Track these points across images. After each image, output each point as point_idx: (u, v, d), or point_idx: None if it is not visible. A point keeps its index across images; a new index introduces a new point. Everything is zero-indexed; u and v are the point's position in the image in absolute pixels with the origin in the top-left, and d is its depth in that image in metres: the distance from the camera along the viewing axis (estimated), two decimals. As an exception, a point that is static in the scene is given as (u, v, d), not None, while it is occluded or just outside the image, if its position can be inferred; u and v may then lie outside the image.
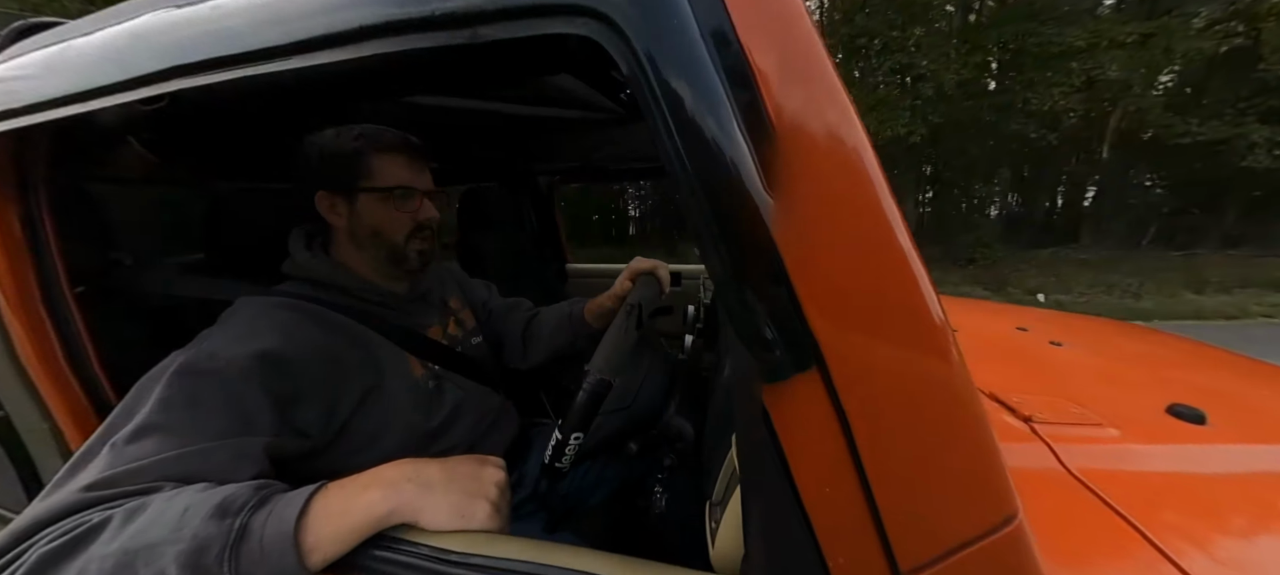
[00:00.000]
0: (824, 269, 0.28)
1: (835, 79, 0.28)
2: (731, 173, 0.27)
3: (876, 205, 0.28)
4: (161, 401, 0.44)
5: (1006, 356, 0.92)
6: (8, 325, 0.52)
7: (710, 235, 0.28)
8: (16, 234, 0.51)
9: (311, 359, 0.55)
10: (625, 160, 1.61)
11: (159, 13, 0.39)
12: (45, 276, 0.52)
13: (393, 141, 0.65)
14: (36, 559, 0.34)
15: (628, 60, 0.27)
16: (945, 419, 0.30)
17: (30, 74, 0.45)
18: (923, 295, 0.29)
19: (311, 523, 0.39)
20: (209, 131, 0.78)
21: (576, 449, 0.54)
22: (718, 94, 0.27)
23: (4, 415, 0.57)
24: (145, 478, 0.39)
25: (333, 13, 0.32)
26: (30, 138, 0.48)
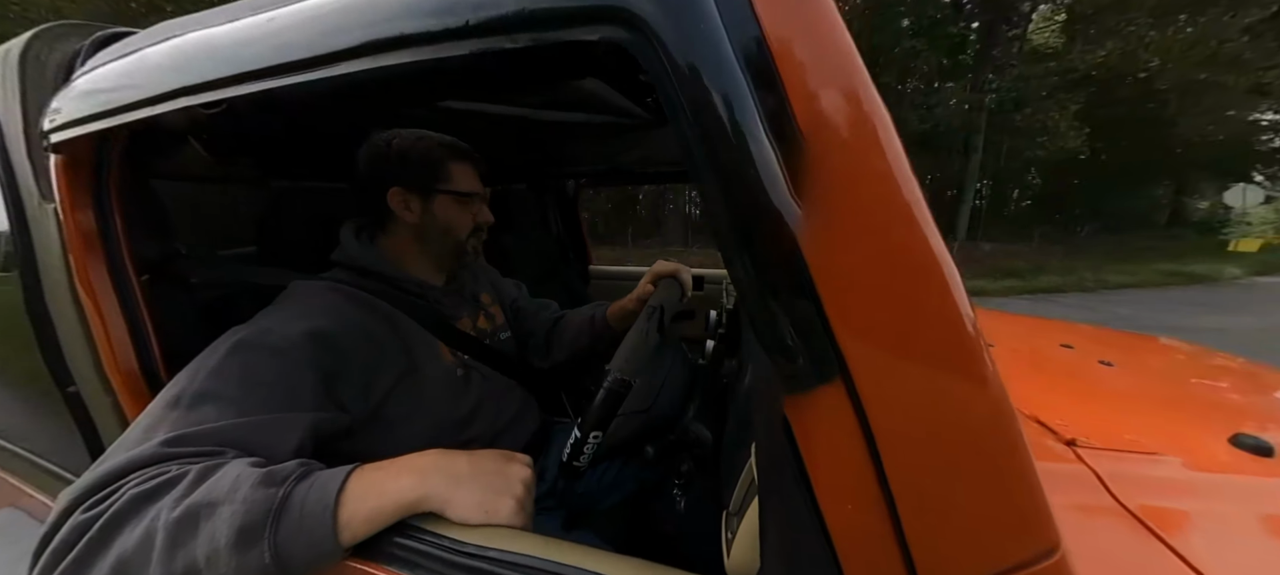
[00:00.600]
0: (852, 279, 0.27)
1: (868, 83, 0.27)
2: (757, 179, 0.26)
3: (909, 214, 0.27)
4: (223, 373, 0.48)
5: (1049, 375, 0.87)
6: (84, 309, 0.56)
7: (734, 242, 0.28)
8: (92, 227, 0.55)
9: (355, 339, 0.59)
10: (650, 164, 1.62)
11: (222, 26, 0.42)
12: (114, 266, 0.57)
13: (466, 151, 0.74)
14: (129, 497, 0.38)
15: (654, 64, 0.27)
16: (978, 439, 0.28)
17: (109, 83, 0.50)
18: (957, 308, 0.27)
19: (347, 500, 0.41)
20: (261, 134, 0.83)
21: (595, 448, 0.54)
22: (744, 99, 0.26)
23: (75, 389, 0.62)
24: (210, 441, 0.43)
25: (375, 24, 0.34)
26: (107, 139, 0.53)
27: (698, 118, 0.27)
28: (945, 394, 0.28)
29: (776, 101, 0.26)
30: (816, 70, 0.27)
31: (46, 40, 0.60)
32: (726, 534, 0.44)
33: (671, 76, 0.27)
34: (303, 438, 0.49)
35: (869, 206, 0.27)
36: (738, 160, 0.26)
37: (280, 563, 0.37)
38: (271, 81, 0.39)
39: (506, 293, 0.97)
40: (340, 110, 0.76)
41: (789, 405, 0.30)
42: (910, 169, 0.28)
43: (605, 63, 0.33)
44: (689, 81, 0.27)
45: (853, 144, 0.27)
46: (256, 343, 0.51)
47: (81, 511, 0.38)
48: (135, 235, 0.59)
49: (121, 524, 0.37)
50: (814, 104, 0.26)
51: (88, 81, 0.52)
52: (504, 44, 0.31)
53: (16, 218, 0.59)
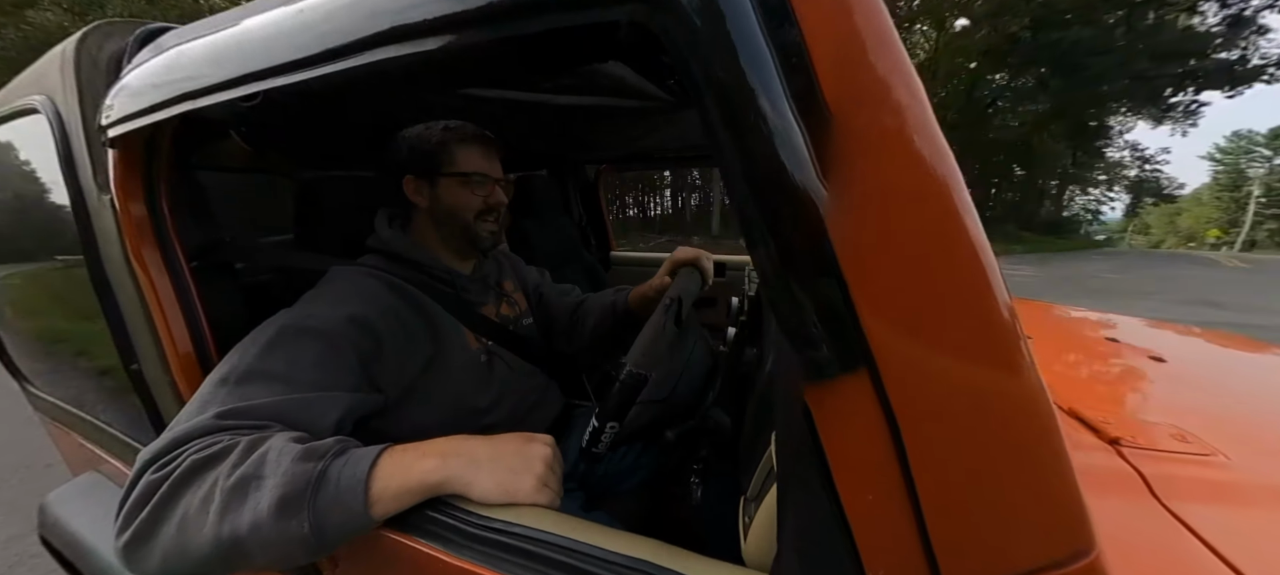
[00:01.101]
0: (881, 265, 0.26)
1: (903, 56, 0.26)
2: (782, 160, 0.25)
3: (945, 197, 0.26)
4: (271, 353, 0.51)
5: (1093, 369, 0.82)
6: (143, 293, 0.61)
7: (758, 226, 0.27)
8: (144, 216, 0.59)
9: (390, 324, 0.62)
10: (673, 148, 1.59)
11: (253, 19, 0.44)
12: (166, 252, 0.61)
13: (471, 133, 0.73)
14: (189, 463, 0.42)
15: (676, 43, 0.27)
16: (1011, 434, 0.27)
17: (155, 79, 0.52)
18: (993, 296, 0.26)
19: (377, 478, 0.43)
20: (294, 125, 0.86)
21: (612, 437, 0.55)
22: (769, 75, 0.25)
23: (138, 367, 0.67)
24: (259, 415, 0.47)
25: (402, 11, 0.34)
26: (156, 133, 0.56)
27: (719, 97, 0.26)
28: (976, 386, 0.27)
29: (803, 77, 0.25)
30: (847, 43, 0.25)
31: (97, 38, 0.63)
32: (744, 520, 0.45)
33: (693, 55, 0.26)
34: (340, 415, 0.52)
35: (901, 188, 0.26)
36: (761, 140, 0.25)
37: (318, 532, 0.40)
38: (302, 73, 0.40)
39: (530, 279, 0.99)
40: (369, 100, 0.78)
41: (810, 393, 0.29)
42: (948, 148, 0.26)
43: (627, 45, 0.32)
44: (711, 59, 0.26)
45: (884, 122, 0.25)
46: (301, 326, 0.55)
47: (151, 472, 0.42)
48: (183, 224, 0.63)
49: (183, 488, 0.41)
50: (843, 79, 0.25)
51: (136, 78, 0.55)
52: (529, 27, 0.30)
53: (79, 208, 0.63)
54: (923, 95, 0.26)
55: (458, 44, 0.33)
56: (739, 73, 0.25)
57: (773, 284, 0.28)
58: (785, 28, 0.25)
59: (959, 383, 0.27)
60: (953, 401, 0.27)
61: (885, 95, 0.25)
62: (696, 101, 0.27)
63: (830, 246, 0.25)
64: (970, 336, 0.26)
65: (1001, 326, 0.26)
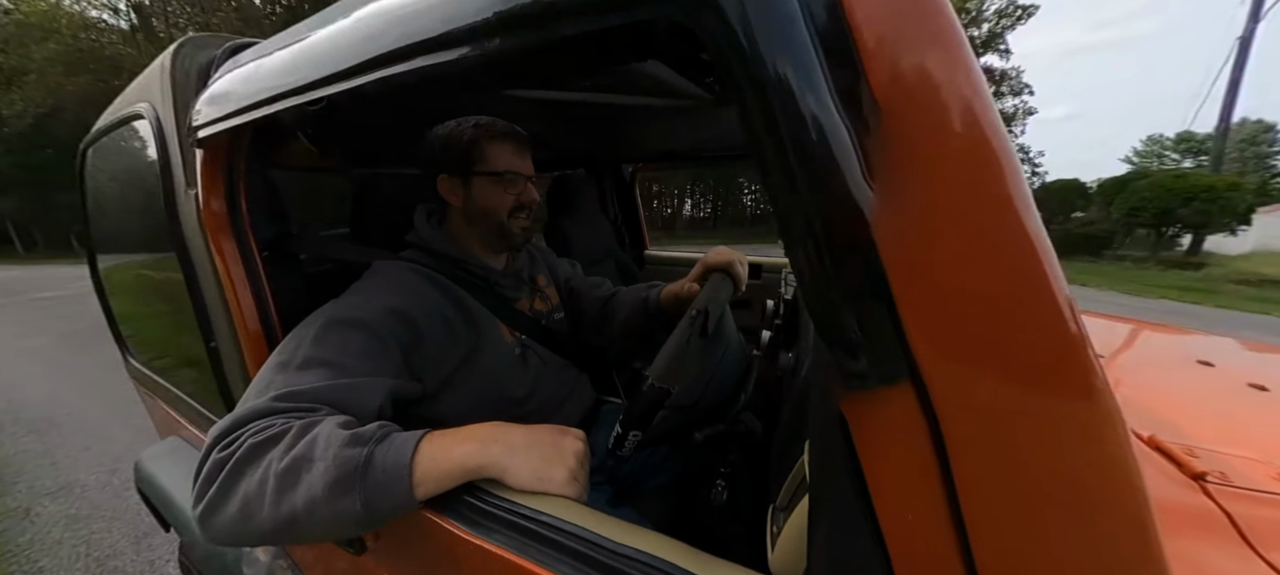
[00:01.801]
0: (932, 272, 0.24)
1: (963, 47, 0.24)
2: (825, 160, 0.24)
3: (1005, 199, 0.24)
4: (321, 341, 0.55)
5: (1180, 397, 0.74)
6: (223, 282, 0.67)
7: (797, 227, 0.26)
8: (224, 210, 0.66)
9: (429, 317, 0.65)
10: (710, 147, 1.57)
11: (319, 32, 0.48)
12: (242, 243, 0.67)
13: (503, 131, 0.74)
14: (248, 445, 0.46)
15: (717, 38, 0.26)
16: (1076, 462, 0.25)
17: (237, 86, 0.58)
18: (1060, 312, 0.24)
19: (419, 461, 0.46)
20: (352, 127, 0.92)
21: (635, 443, 0.55)
22: (813, 70, 0.24)
23: (215, 345, 0.74)
24: (310, 398, 0.50)
25: (447, 19, 0.36)
26: (236, 135, 0.62)
27: (759, 94, 0.25)
28: (1038, 409, 0.24)
29: (850, 72, 0.24)
30: (899, 33, 0.24)
31: (189, 50, 0.70)
32: (772, 528, 0.43)
33: (733, 50, 0.25)
34: (383, 401, 0.55)
35: (956, 190, 0.24)
36: (802, 138, 0.24)
37: (369, 510, 0.43)
38: (359, 78, 0.43)
39: (561, 272, 1.00)
40: (418, 103, 0.82)
41: (847, 404, 0.28)
42: (1011, 146, 0.24)
43: (666, 43, 0.32)
44: (751, 55, 0.25)
45: (939, 119, 0.24)
46: (346, 317, 0.59)
47: (218, 450, 0.46)
48: (257, 217, 0.69)
49: (244, 468, 0.45)
50: (894, 73, 0.23)
51: (221, 85, 0.61)
52: (571, 29, 0.31)
53: (170, 203, 0.71)
54: (984, 89, 0.24)
55: (502, 47, 0.34)
56: (780, 68, 0.24)
57: (812, 288, 0.26)
58: (831, 19, 0.24)
59: (1018, 404, 0.25)
60: (1009, 423, 0.25)
61: (941, 89, 0.24)
62: (736, 99, 0.26)
63: (875, 250, 0.24)
64: (1033, 354, 0.24)
65: (1069, 344, 0.24)
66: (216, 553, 0.83)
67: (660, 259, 1.94)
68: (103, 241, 1.18)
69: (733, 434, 0.64)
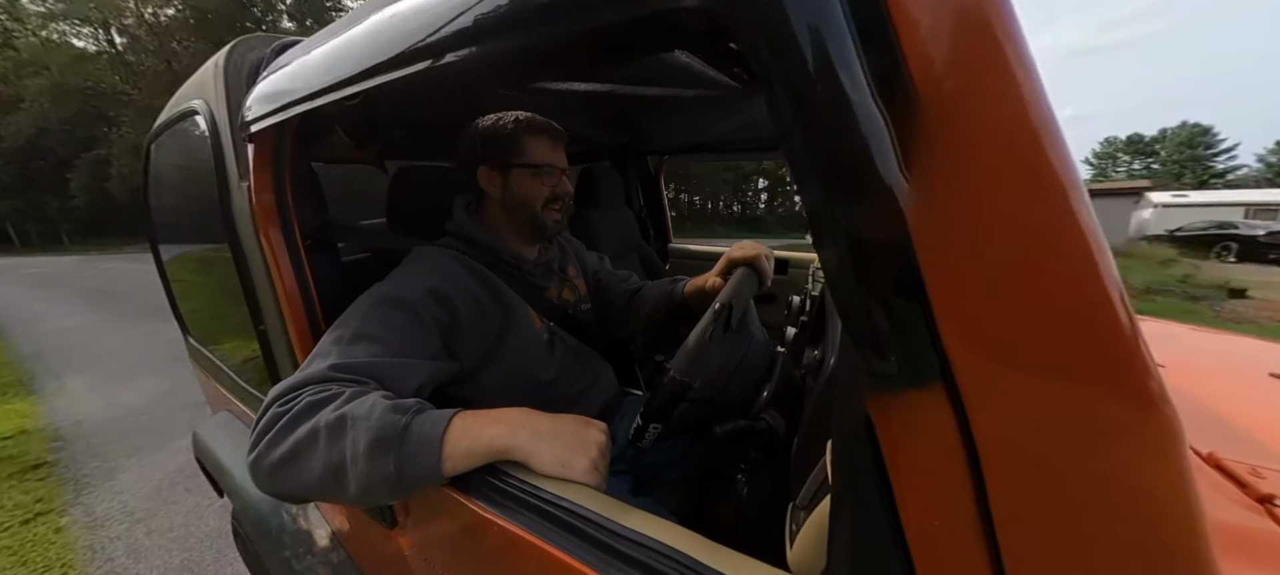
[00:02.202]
0: (971, 270, 0.23)
1: (1013, 28, 0.22)
2: (858, 150, 0.23)
3: (1058, 193, 0.22)
4: (371, 319, 0.60)
5: (1245, 410, 0.68)
6: (271, 269, 0.72)
7: (827, 221, 0.25)
8: (272, 201, 0.70)
9: (465, 301, 0.68)
10: (738, 138, 1.55)
11: (355, 28, 0.49)
12: (287, 232, 0.71)
13: (541, 126, 0.77)
14: (306, 402, 0.50)
15: (747, 25, 0.25)
16: (1126, 479, 0.23)
17: (284, 84, 0.61)
18: (1115, 313, 0.22)
19: (450, 436, 0.48)
20: (388, 121, 0.96)
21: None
22: (847, 55, 0.23)
23: (263, 327, 0.79)
24: (359, 372, 0.55)
25: (478, 12, 0.36)
26: (283, 129, 0.65)
27: (788, 82, 0.24)
28: (1086, 420, 0.23)
29: (888, 58, 0.22)
30: (942, 15, 0.22)
31: (241, 50, 0.74)
32: (791, 526, 0.43)
33: (762, 36, 0.24)
34: (423, 380, 0.59)
35: (1003, 184, 0.22)
36: (835, 129, 0.23)
37: (400, 475, 0.47)
38: (393, 72, 0.44)
39: (589, 263, 1.02)
40: (450, 97, 0.84)
41: (874, 404, 0.27)
42: (1063, 137, 0.22)
43: (694, 32, 0.31)
44: (781, 41, 0.24)
45: (985, 107, 0.22)
46: (393, 297, 0.63)
47: (277, 404, 0.51)
48: (300, 207, 0.73)
49: (299, 419, 0.49)
50: (936, 58, 0.22)
51: (270, 83, 0.64)
52: (601, 20, 0.30)
53: (223, 194, 0.76)
54: (1036, 74, 0.22)
55: (532, 40, 0.34)
56: (812, 55, 0.23)
57: (841, 284, 0.26)
58: (868, 1, 0.22)
59: (1062, 413, 0.23)
60: (1051, 433, 0.23)
61: (987, 74, 0.22)
62: (764, 88, 0.25)
63: (910, 246, 0.23)
64: (1082, 359, 0.23)
65: (1124, 349, 0.22)
66: (265, 519, 0.89)
67: (684, 252, 1.92)
68: (163, 232, 1.28)
69: (754, 430, 0.64)
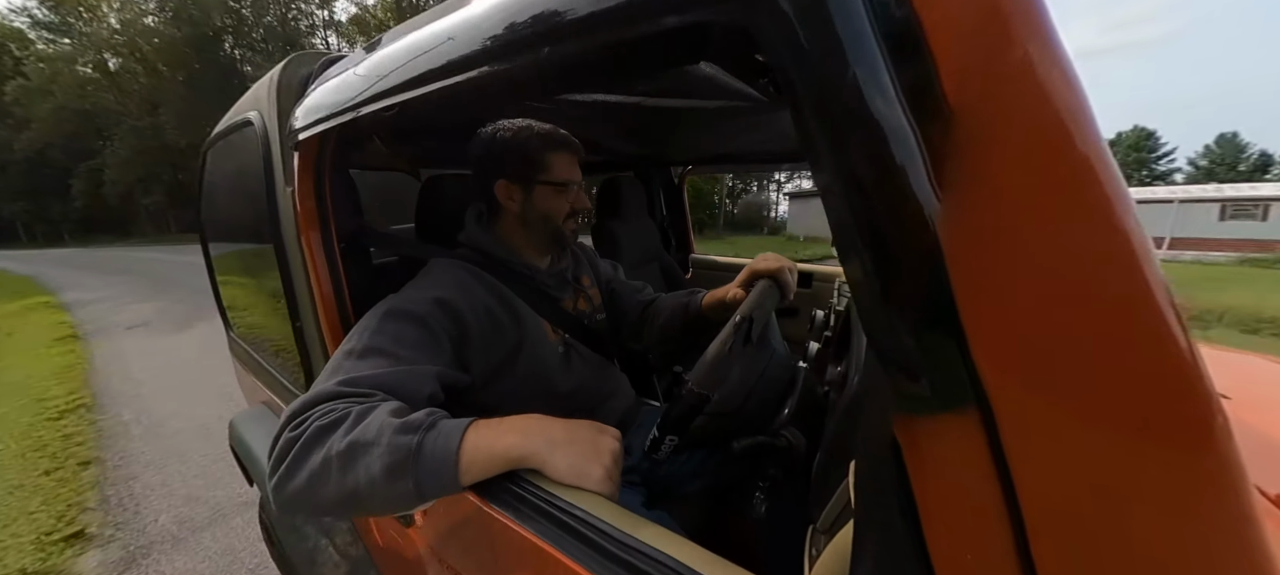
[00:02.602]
0: (1009, 289, 0.22)
1: (1052, 39, 0.21)
2: (887, 165, 0.22)
3: (1101, 210, 0.21)
4: (380, 332, 0.60)
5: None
6: (309, 269, 0.75)
7: (852, 236, 0.24)
8: (313, 206, 0.73)
9: (477, 314, 0.69)
10: (762, 150, 1.54)
11: (394, 44, 0.52)
12: (325, 236, 0.75)
13: (563, 141, 0.77)
14: (314, 427, 0.50)
15: (772, 37, 0.25)
16: (1181, 524, 0.21)
17: (327, 97, 0.65)
18: (1171, 339, 0.20)
19: (466, 448, 0.48)
20: (422, 132, 1.00)
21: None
22: (876, 64, 0.22)
23: (299, 325, 0.83)
24: (369, 385, 0.54)
25: (507, 28, 0.38)
26: (326, 138, 0.69)
27: (814, 94, 0.24)
28: (1135, 455, 0.21)
29: (919, 69, 0.22)
30: (976, 23, 0.21)
31: (294, 66, 0.80)
32: (810, 550, 0.41)
33: (788, 49, 0.24)
34: (434, 389, 0.59)
35: (1041, 198, 0.21)
36: (862, 142, 0.23)
37: (420, 492, 0.47)
38: (428, 86, 0.46)
39: (603, 273, 1.02)
40: (480, 107, 0.87)
41: (901, 427, 0.26)
42: (1106, 148, 0.21)
43: (720, 44, 0.32)
44: (808, 54, 0.24)
45: (1023, 119, 0.21)
46: (402, 310, 0.64)
47: (290, 430, 0.51)
48: (338, 213, 0.76)
49: (310, 449, 0.49)
50: (970, 68, 0.21)
51: (315, 96, 0.69)
52: (627, 33, 0.31)
53: (270, 198, 0.81)
54: (1079, 84, 0.21)
55: (559, 54, 0.35)
56: (839, 66, 0.23)
57: (868, 302, 0.25)
58: (897, 10, 0.22)
59: (1109, 447, 0.21)
60: (1096, 468, 0.22)
61: (1023, 82, 0.21)
62: (790, 100, 0.25)
63: (942, 263, 0.22)
64: (1132, 389, 0.21)
65: (1181, 379, 0.20)
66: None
67: (706, 262, 1.91)
68: (212, 231, 1.36)
69: (773, 447, 0.62)
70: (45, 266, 12.74)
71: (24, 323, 5.39)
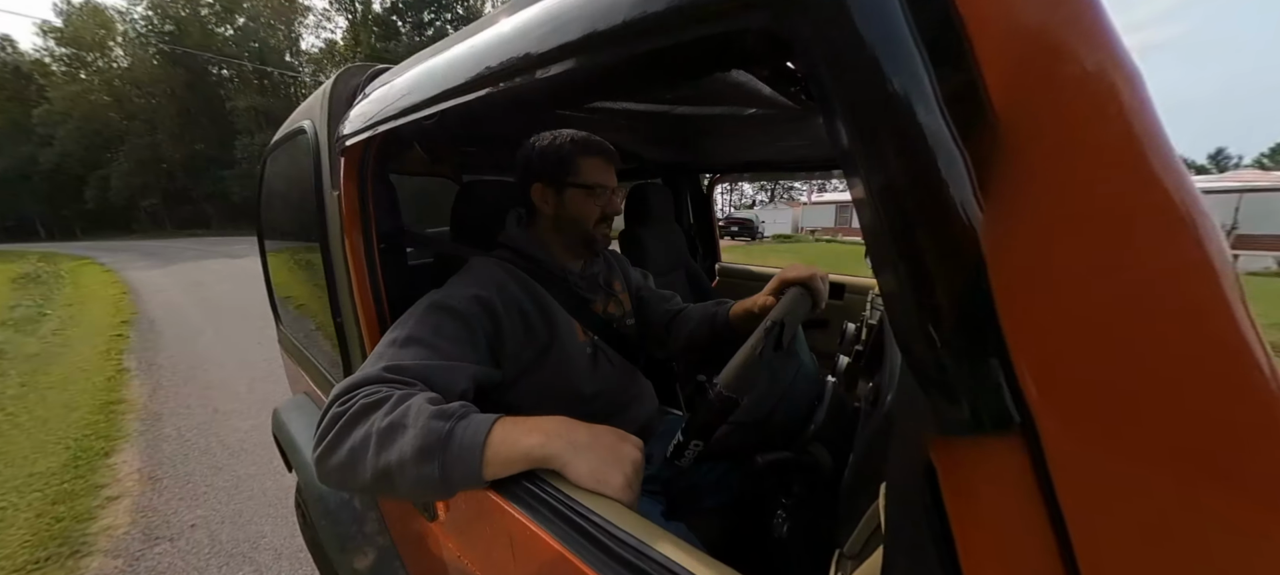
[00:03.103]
0: (1060, 307, 0.20)
1: (1109, 36, 0.20)
2: (926, 174, 0.21)
3: (1171, 225, 0.19)
4: (423, 324, 0.64)
5: None
6: (350, 268, 0.79)
7: (890, 248, 0.23)
8: (356, 208, 0.78)
9: (511, 312, 0.71)
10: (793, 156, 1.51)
11: (434, 58, 0.55)
12: (366, 236, 0.79)
13: (596, 147, 0.80)
14: (360, 405, 0.53)
15: (807, 44, 0.24)
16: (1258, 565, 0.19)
17: (372, 106, 0.68)
18: (1252, 367, 0.18)
19: (491, 443, 0.50)
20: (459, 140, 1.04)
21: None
22: (915, 69, 0.21)
23: (340, 320, 0.88)
24: (410, 374, 0.58)
25: (543, 39, 0.39)
26: (369, 145, 0.73)
27: (850, 101, 0.23)
28: (1205, 497, 0.19)
29: (961, 72, 0.21)
30: (1023, 22, 0.20)
31: (346, 77, 0.85)
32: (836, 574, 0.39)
33: (822, 56, 0.24)
34: (468, 384, 0.62)
35: (1099, 211, 0.20)
36: (900, 150, 0.22)
37: (445, 479, 0.48)
38: (465, 96, 0.48)
39: (634, 280, 1.03)
40: (515, 116, 0.90)
41: (937, 449, 0.24)
42: (1175, 155, 0.19)
43: (753, 51, 0.31)
44: (843, 60, 0.23)
45: (1075, 122, 0.20)
46: (444, 304, 0.67)
47: (337, 405, 0.55)
48: (379, 215, 0.80)
49: (354, 424, 0.52)
50: (1017, 71, 0.20)
51: (362, 105, 0.73)
52: (661, 42, 0.31)
53: (319, 201, 0.86)
54: (1140, 85, 0.20)
55: (592, 64, 0.36)
56: (876, 72, 0.22)
57: (903, 317, 0.23)
58: (937, 11, 0.21)
59: (1175, 486, 0.19)
60: (1159, 507, 0.20)
61: (1079, 88, 0.20)
62: (823, 107, 0.24)
63: (985, 278, 0.21)
64: (1206, 429, 0.19)
65: (1260, 416, 0.18)
66: (324, 497, 0.97)
67: (733, 271, 1.89)
68: (269, 232, 1.46)
69: (799, 463, 0.60)
70: (81, 250, 18.05)
71: (84, 270, 10.53)
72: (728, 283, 1.89)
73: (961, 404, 0.22)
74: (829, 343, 1.10)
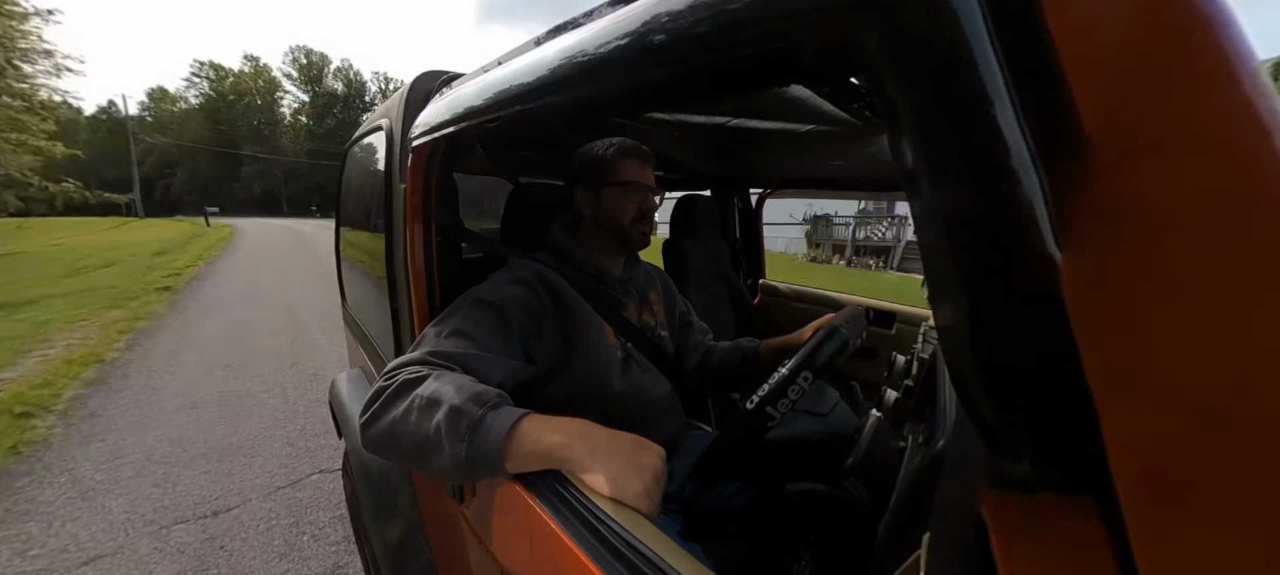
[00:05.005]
0: (1159, 359, 0.18)
1: (1233, 48, 0.17)
2: (1003, 204, 0.19)
3: None
4: (465, 316, 0.68)
5: None
6: (408, 256, 0.85)
7: (950, 279, 0.21)
8: (419, 202, 0.83)
9: (546, 310, 0.74)
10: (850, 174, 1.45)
11: (500, 69, 0.58)
12: (426, 229, 0.84)
13: (629, 148, 0.84)
14: (403, 380, 0.58)
15: (874, 60, 0.23)
16: None
17: (440, 109, 0.74)
18: None
19: (515, 435, 0.52)
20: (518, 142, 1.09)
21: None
22: (996, 89, 0.19)
23: (396, 305, 0.94)
24: (451, 360, 0.62)
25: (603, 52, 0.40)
26: (436, 145, 0.78)
27: (920, 123, 0.21)
28: None
29: (1048, 93, 0.19)
30: (1125, 40, 0.18)
31: (421, 82, 0.92)
32: None
33: (892, 72, 0.22)
34: (503, 376, 0.65)
35: (1218, 258, 0.17)
36: (973, 177, 0.20)
37: (470, 460, 0.51)
38: (529, 104, 0.51)
39: (676, 304, 1.04)
40: (573, 124, 0.94)
41: (992, 506, 0.22)
42: None
43: (813, 67, 0.30)
44: (913, 75, 0.21)
45: (1187, 151, 0.17)
46: (485, 298, 0.71)
47: (384, 379, 0.60)
48: (440, 209, 0.86)
49: (397, 397, 0.57)
50: (1115, 93, 0.18)
51: (432, 109, 0.79)
52: (721, 58, 0.30)
53: (388, 193, 0.93)
54: (1273, 104, 0.17)
55: (651, 77, 0.36)
56: (951, 92, 0.20)
57: (961, 356, 0.21)
58: (1024, 28, 0.19)
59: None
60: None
61: (1192, 116, 0.17)
62: (889, 126, 0.23)
63: (1065, 324, 0.18)
64: None
65: None
66: (367, 465, 1.04)
67: (774, 289, 1.83)
68: (345, 220, 1.61)
69: (833, 498, 0.56)
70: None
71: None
72: (769, 301, 1.83)
73: (1024, 463, 0.20)
74: (874, 373, 1.04)
